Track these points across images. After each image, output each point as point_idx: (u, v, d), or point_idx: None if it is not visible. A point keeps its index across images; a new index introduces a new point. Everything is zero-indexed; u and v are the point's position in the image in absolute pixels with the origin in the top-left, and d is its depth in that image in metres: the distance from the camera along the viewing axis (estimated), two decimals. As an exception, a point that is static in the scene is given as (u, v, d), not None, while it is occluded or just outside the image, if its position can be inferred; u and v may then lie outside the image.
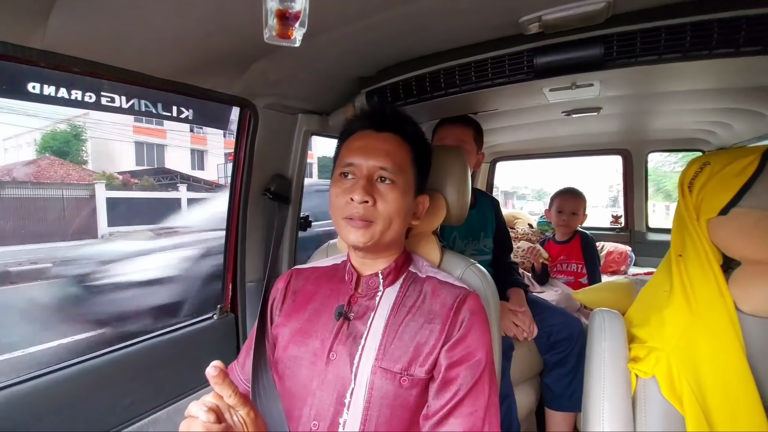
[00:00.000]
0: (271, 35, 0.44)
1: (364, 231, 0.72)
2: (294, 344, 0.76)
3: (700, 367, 0.75)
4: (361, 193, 0.70)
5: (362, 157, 0.74)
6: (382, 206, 0.72)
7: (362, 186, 0.71)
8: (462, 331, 0.71)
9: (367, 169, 0.73)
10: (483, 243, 1.53)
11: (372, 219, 0.72)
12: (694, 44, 0.79)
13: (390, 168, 0.73)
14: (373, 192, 0.72)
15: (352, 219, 0.72)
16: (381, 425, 0.67)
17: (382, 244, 0.75)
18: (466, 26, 0.90)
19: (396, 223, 0.74)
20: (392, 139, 0.76)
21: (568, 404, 1.37)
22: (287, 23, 0.42)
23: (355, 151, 0.75)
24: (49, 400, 0.85)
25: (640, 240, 2.71)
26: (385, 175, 0.73)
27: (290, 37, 0.44)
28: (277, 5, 0.40)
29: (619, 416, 0.77)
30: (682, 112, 1.75)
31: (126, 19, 0.70)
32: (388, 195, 0.73)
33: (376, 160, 0.73)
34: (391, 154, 0.74)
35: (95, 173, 13.63)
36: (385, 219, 0.73)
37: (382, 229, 0.73)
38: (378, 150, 0.74)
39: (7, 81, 0.94)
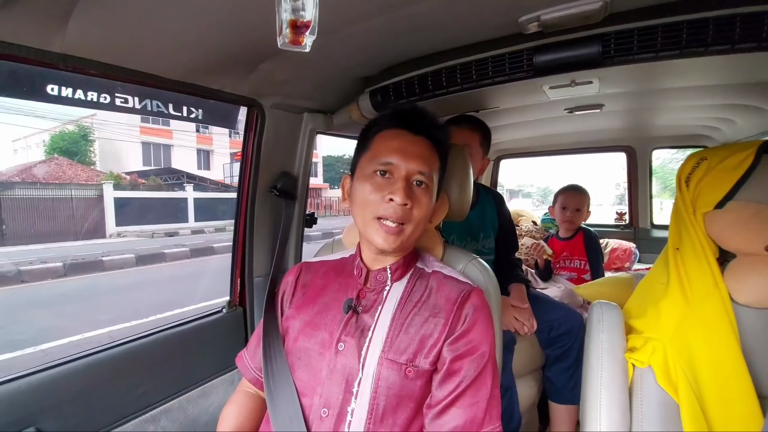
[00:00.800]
0: (285, 42, 0.48)
1: (395, 237, 0.74)
2: (304, 336, 0.79)
3: (695, 357, 0.77)
4: (403, 196, 0.71)
5: (401, 158, 0.74)
6: (417, 210, 0.74)
7: (403, 188, 0.72)
8: (466, 326, 0.73)
9: (406, 170, 0.74)
10: (482, 243, 1.51)
11: (406, 221, 0.74)
12: (690, 42, 0.81)
13: (426, 173, 0.75)
14: (411, 195, 0.74)
15: (384, 219, 0.73)
16: (387, 414, 0.70)
17: (406, 245, 0.78)
18: (466, 26, 0.93)
19: (422, 226, 0.77)
20: (427, 145, 0.78)
21: (570, 397, 1.38)
22: (299, 31, 0.46)
23: (394, 150, 0.75)
24: (66, 389, 0.89)
25: (644, 237, 2.71)
26: (421, 179, 0.75)
27: (301, 43, 0.47)
28: (290, 16, 0.44)
29: (616, 404, 0.79)
30: (685, 109, 1.75)
31: (141, 24, 0.73)
32: (422, 199, 0.75)
33: (415, 163, 0.74)
34: (427, 159, 0.76)
35: (103, 173, 13.79)
36: (417, 222, 0.75)
37: (412, 232, 0.75)
38: (416, 153, 0.75)
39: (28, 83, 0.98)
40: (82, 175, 13.29)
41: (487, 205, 1.56)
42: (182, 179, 14.97)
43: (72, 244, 9.60)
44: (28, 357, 3.55)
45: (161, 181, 14.66)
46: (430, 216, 0.80)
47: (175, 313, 4.57)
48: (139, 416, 1.01)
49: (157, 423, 1.03)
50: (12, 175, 12.27)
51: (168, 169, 16.16)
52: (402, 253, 0.82)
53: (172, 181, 15.05)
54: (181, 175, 15.21)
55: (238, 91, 1.08)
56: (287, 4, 0.44)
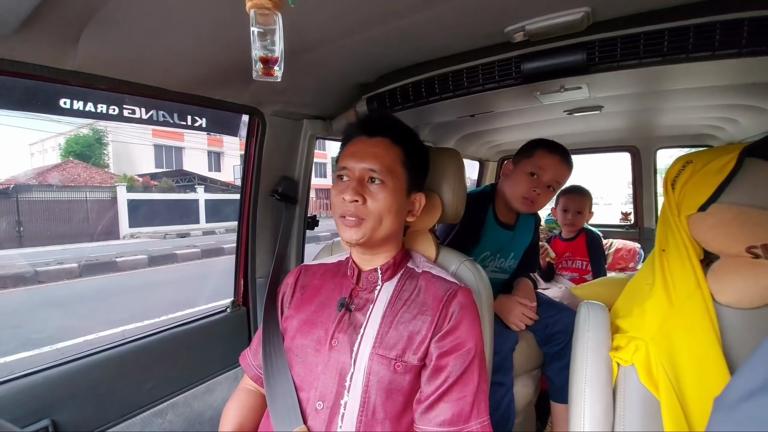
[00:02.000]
0: (258, 74, 0.54)
1: (356, 229, 0.79)
2: (301, 333, 0.84)
3: (677, 356, 0.79)
4: (351, 193, 0.78)
5: (354, 161, 0.81)
6: (372, 204, 0.79)
7: (353, 187, 0.78)
8: (452, 323, 0.76)
9: (358, 171, 0.80)
10: (508, 263, 1.54)
11: (363, 216, 0.79)
12: (671, 49, 0.83)
13: (378, 169, 0.79)
14: (363, 192, 0.79)
15: (345, 217, 0.80)
16: (378, 407, 0.74)
17: (375, 240, 0.82)
18: (456, 36, 0.96)
19: (387, 221, 0.80)
20: (382, 143, 0.82)
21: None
22: (269, 66, 0.51)
23: (348, 155, 0.82)
24: (79, 383, 0.95)
25: (649, 237, 2.70)
26: (374, 176, 0.80)
27: (273, 75, 0.53)
28: (260, 53, 0.50)
29: (599, 401, 0.81)
30: (687, 109, 1.75)
31: (146, 41, 0.78)
32: (377, 194, 0.79)
33: (365, 162, 0.80)
34: (380, 156, 0.80)
35: (116, 176, 14.05)
36: (375, 216, 0.79)
37: (373, 226, 0.80)
38: (368, 153, 0.81)
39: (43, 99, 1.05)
40: (97, 178, 13.58)
41: (525, 227, 1.57)
42: (193, 181, 15.19)
43: (87, 245, 9.82)
44: (45, 355, 3.66)
45: (173, 183, 14.89)
46: (400, 209, 0.83)
47: (185, 312, 4.66)
48: (147, 410, 1.06)
49: (164, 417, 1.09)
50: (29, 178, 12.59)
51: (179, 171, 16.41)
52: (388, 250, 0.86)
53: (183, 182, 15.28)
54: (193, 177, 15.43)
55: (239, 100, 1.13)
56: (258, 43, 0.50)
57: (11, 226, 9.70)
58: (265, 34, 0.49)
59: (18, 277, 6.55)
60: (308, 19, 0.78)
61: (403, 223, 0.87)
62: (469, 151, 2.50)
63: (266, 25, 0.49)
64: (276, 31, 0.50)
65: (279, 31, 0.50)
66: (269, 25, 0.49)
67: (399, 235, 0.89)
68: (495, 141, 2.49)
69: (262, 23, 0.48)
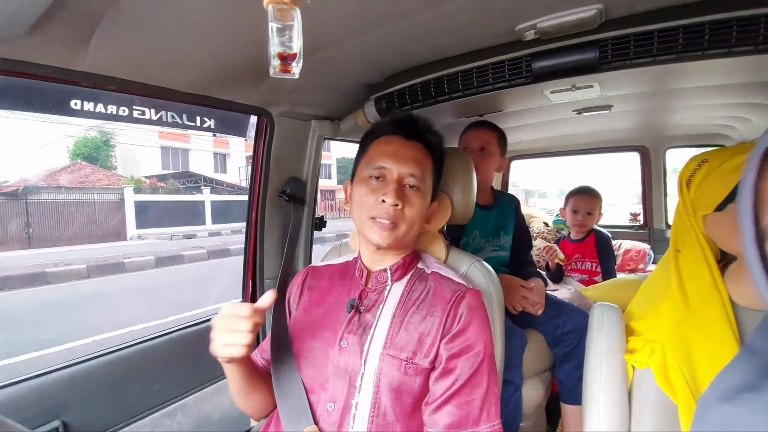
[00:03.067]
0: (276, 71, 0.53)
1: (389, 233, 0.78)
2: (310, 336, 0.83)
3: (695, 358, 0.78)
4: (394, 197, 0.76)
5: (393, 162, 0.79)
6: (409, 210, 0.79)
7: (395, 189, 0.77)
8: (461, 325, 0.75)
9: (398, 173, 0.79)
10: (503, 240, 1.59)
11: (399, 221, 0.79)
12: (686, 46, 0.81)
13: (418, 175, 0.79)
14: (402, 196, 0.78)
15: (379, 219, 0.78)
16: (389, 408, 0.73)
17: (400, 244, 0.82)
18: (465, 35, 0.95)
19: (416, 226, 0.81)
20: (419, 148, 0.83)
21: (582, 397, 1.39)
22: (287, 62, 0.50)
23: (388, 155, 0.81)
24: (88, 385, 0.95)
25: (659, 238, 2.67)
26: (413, 182, 0.79)
27: (290, 71, 0.52)
28: (278, 49, 0.49)
29: (615, 406, 0.80)
30: (698, 108, 1.73)
31: (156, 42, 0.78)
32: (414, 200, 0.79)
33: (407, 166, 0.79)
34: (419, 162, 0.81)
35: (124, 178, 14.17)
36: (409, 222, 0.79)
37: (405, 231, 0.80)
38: (408, 157, 0.80)
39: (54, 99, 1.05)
40: (104, 180, 13.71)
41: (505, 206, 1.65)
42: (199, 182, 15.30)
43: (95, 246, 9.91)
44: (54, 355, 3.69)
45: (179, 185, 14.99)
46: (426, 217, 0.84)
47: (192, 313, 4.68)
48: (156, 411, 1.06)
49: (173, 418, 1.09)
50: (38, 180, 12.73)
51: (186, 172, 16.52)
52: (400, 252, 0.85)
53: (189, 184, 15.38)
54: (199, 179, 15.54)
55: (248, 100, 1.13)
56: (276, 39, 0.49)
57: (21, 227, 9.81)
58: (283, 29, 0.49)
59: (27, 277, 6.62)
60: (316, 19, 0.78)
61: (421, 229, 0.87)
62: None
63: (284, 20, 0.48)
64: (294, 26, 0.49)
65: (297, 26, 0.50)
66: (288, 21, 0.48)
67: (415, 238, 0.89)
68: None
69: (281, 18, 0.48)
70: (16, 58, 0.70)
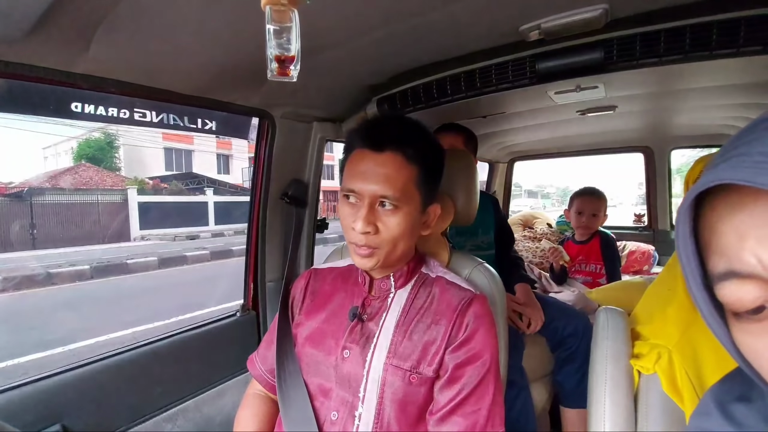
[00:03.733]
0: (273, 74, 0.52)
1: (368, 259, 0.74)
2: (312, 343, 0.81)
3: (703, 364, 0.76)
4: (362, 225, 0.70)
5: (362, 183, 0.71)
6: (385, 232, 0.72)
7: (363, 217, 0.70)
8: (467, 334, 0.73)
9: (369, 196, 0.71)
10: (481, 239, 1.59)
11: (375, 246, 0.73)
12: (693, 46, 0.80)
13: (391, 195, 0.70)
14: (374, 220, 0.71)
15: (356, 245, 0.73)
16: (392, 419, 0.72)
17: (389, 263, 0.77)
18: (469, 36, 0.94)
19: (401, 244, 0.75)
20: (393, 161, 0.71)
21: (581, 401, 1.36)
22: (284, 65, 0.49)
23: (356, 176, 0.73)
24: (89, 388, 0.94)
25: (663, 239, 2.65)
26: (386, 202, 0.71)
27: (288, 74, 0.51)
28: (275, 51, 0.48)
29: (620, 412, 0.79)
30: (704, 108, 1.71)
31: (156, 45, 0.78)
32: (390, 220, 0.72)
33: (376, 186, 0.70)
34: (392, 179, 0.70)
35: (127, 179, 14.23)
36: (389, 243, 0.73)
37: (387, 252, 0.74)
38: (378, 175, 0.71)
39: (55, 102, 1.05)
40: (108, 181, 13.77)
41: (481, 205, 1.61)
42: (203, 183, 15.34)
43: (99, 248, 9.94)
44: (58, 356, 3.70)
45: (183, 186, 15.04)
46: (421, 226, 0.79)
47: (195, 314, 4.69)
48: (157, 415, 1.05)
49: (174, 422, 1.08)
50: (43, 182, 12.80)
51: (189, 173, 16.57)
52: (397, 265, 0.81)
53: (193, 185, 15.42)
54: (202, 180, 15.58)
55: (249, 102, 1.12)
56: (273, 41, 0.48)
57: (25, 228, 9.86)
58: (281, 31, 0.47)
59: (32, 278, 6.65)
60: (319, 20, 0.77)
61: (416, 239, 0.82)
62: (479, 152, 2.48)
63: (282, 22, 0.46)
64: (292, 28, 0.47)
65: (295, 28, 0.48)
66: (285, 23, 0.47)
67: (413, 247, 0.84)
68: (505, 142, 2.46)
69: (278, 20, 0.46)
70: (16, 61, 0.70)
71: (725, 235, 0.29)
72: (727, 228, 0.29)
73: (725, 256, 0.29)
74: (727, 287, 0.30)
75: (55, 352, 3.80)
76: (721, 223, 0.30)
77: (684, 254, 0.32)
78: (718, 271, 0.30)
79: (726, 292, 0.30)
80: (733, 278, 0.29)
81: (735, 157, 0.29)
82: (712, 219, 0.31)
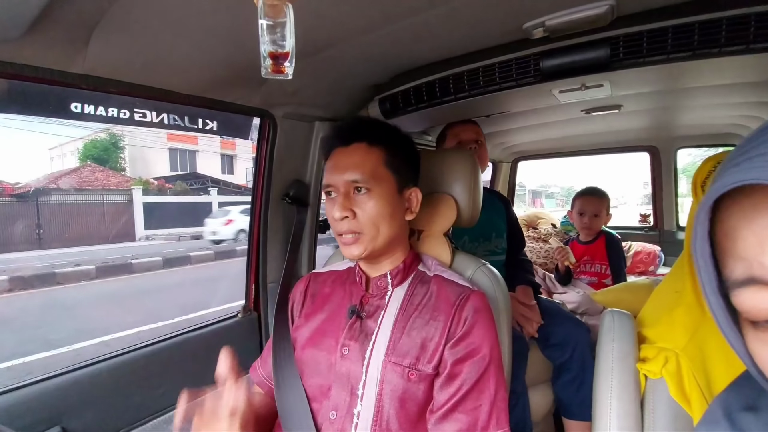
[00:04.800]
0: (267, 72, 0.50)
1: (356, 245, 0.76)
2: (312, 343, 0.82)
3: (711, 368, 0.74)
4: (339, 210, 0.75)
5: (336, 174, 0.77)
6: (363, 216, 0.76)
7: (339, 203, 0.75)
8: (465, 329, 0.73)
9: (342, 185, 0.76)
10: (495, 243, 1.52)
11: (357, 230, 0.76)
12: (702, 42, 0.79)
13: (361, 178, 0.75)
14: (351, 205, 0.76)
15: (341, 235, 0.77)
16: (392, 417, 0.71)
17: (378, 249, 0.78)
18: (472, 34, 0.93)
19: (384, 227, 0.77)
20: (359, 150, 0.78)
21: (580, 412, 1.34)
22: (278, 62, 0.48)
23: (329, 171, 0.79)
24: (89, 390, 0.94)
25: (669, 239, 2.62)
26: (359, 186, 0.76)
27: (283, 72, 0.50)
28: (269, 48, 0.46)
29: (627, 416, 0.77)
30: (710, 107, 1.69)
31: (155, 44, 0.77)
32: (366, 204, 0.76)
33: (347, 173, 0.76)
34: (359, 164, 0.76)
35: (132, 179, 14.31)
36: (370, 226, 0.76)
37: (371, 236, 0.76)
38: (347, 164, 0.77)
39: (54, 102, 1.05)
40: (113, 181, 13.85)
41: (493, 206, 1.57)
42: (207, 183, 15.39)
43: (104, 247, 10.00)
44: (62, 356, 3.72)
45: (187, 186, 15.10)
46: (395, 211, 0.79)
47: (199, 314, 4.70)
48: (157, 417, 1.05)
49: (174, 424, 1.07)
50: (49, 182, 12.89)
51: (193, 174, 16.63)
52: (390, 256, 0.83)
53: (197, 185, 15.48)
54: (206, 180, 15.64)
55: (250, 102, 1.12)
56: (266, 37, 0.46)
57: (31, 228, 9.93)
58: (274, 27, 0.46)
59: (37, 278, 6.70)
60: (319, 18, 0.76)
61: (403, 225, 0.83)
62: None
63: (276, 17, 0.45)
64: (286, 24, 0.46)
65: (290, 23, 0.47)
66: (279, 18, 0.45)
67: (404, 237, 0.85)
68: (509, 142, 2.44)
69: (272, 15, 0.45)
70: (14, 61, 0.69)
71: (745, 239, 0.28)
72: (746, 232, 0.28)
73: (744, 261, 0.28)
74: (745, 294, 0.28)
75: (60, 352, 3.81)
76: (740, 226, 0.28)
77: (701, 258, 0.31)
78: (735, 277, 0.29)
79: (743, 299, 0.28)
80: (753, 285, 0.27)
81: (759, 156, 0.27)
82: (729, 222, 0.29)
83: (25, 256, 8.62)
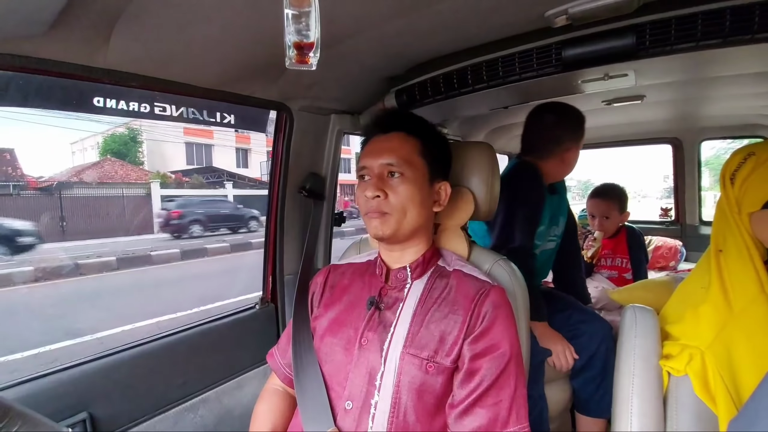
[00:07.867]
0: (291, 62, 0.51)
1: (381, 222, 0.79)
2: (331, 333, 0.83)
3: (738, 366, 0.72)
4: (373, 189, 0.78)
5: (371, 158, 0.81)
6: (394, 198, 0.78)
7: (373, 183, 0.79)
8: (485, 324, 0.73)
9: (377, 167, 0.80)
10: (561, 229, 1.52)
11: (387, 210, 0.78)
12: (734, 29, 0.75)
13: (396, 162, 0.79)
14: (384, 186, 0.79)
15: (369, 213, 0.80)
16: (409, 408, 0.71)
17: (403, 233, 0.80)
18: (491, 23, 0.91)
19: (412, 212, 0.79)
20: (397, 137, 0.82)
21: (597, 409, 1.32)
22: (303, 52, 0.48)
23: (366, 155, 0.83)
24: (115, 377, 0.97)
25: (692, 234, 2.54)
26: (393, 170, 0.79)
27: (307, 62, 0.50)
28: (294, 38, 0.46)
29: (649, 414, 0.76)
30: (737, 97, 1.63)
31: (175, 38, 0.77)
32: (398, 187, 0.79)
33: (383, 157, 0.80)
34: (396, 149, 0.80)
35: (150, 173, 14.57)
36: (399, 209, 0.78)
37: (398, 218, 0.79)
38: (383, 149, 0.81)
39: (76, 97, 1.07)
40: (132, 175, 14.14)
41: (560, 187, 1.56)
42: (222, 177, 15.60)
43: (124, 239, 10.25)
44: (86, 344, 3.85)
45: (203, 180, 15.34)
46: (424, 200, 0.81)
47: (216, 305, 4.79)
48: (179, 405, 1.07)
49: (195, 412, 1.10)
50: (71, 176, 13.24)
51: (209, 167, 16.86)
52: (411, 245, 0.84)
53: (213, 179, 15.71)
54: (222, 173, 15.85)
55: (267, 95, 1.12)
56: (291, 27, 0.46)
57: (55, 221, 10.23)
58: (299, 16, 0.45)
59: (61, 269, 6.92)
60: (336, 9, 0.75)
61: (430, 216, 0.85)
62: (499, 144, 2.42)
63: (301, 6, 0.45)
64: (311, 13, 0.46)
65: (315, 13, 0.46)
66: (304, 7, 0.45)
67: (428, 229, 0.87)
68: None
69: (297, 5, 0.45)
70: (38, 56, 0.70)
71: None
72: None
73: None
74: None
75: (84, 340, 3.94)
76: None
77: None
78: None
79: None
80: None
81: None
82: None
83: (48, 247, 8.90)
